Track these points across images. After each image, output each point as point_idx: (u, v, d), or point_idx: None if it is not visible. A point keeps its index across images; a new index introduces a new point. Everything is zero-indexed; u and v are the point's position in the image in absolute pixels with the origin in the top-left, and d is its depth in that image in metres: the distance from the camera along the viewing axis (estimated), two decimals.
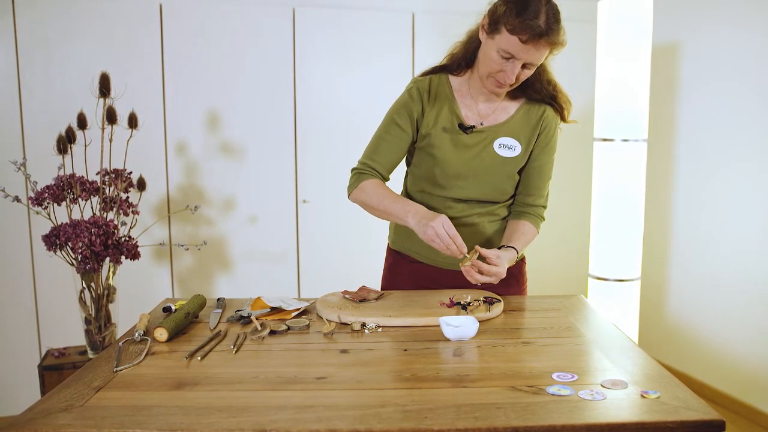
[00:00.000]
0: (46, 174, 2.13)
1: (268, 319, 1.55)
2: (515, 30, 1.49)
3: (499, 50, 1.54)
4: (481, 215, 1.77)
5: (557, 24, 1.53)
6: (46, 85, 2.90)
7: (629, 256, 2.94)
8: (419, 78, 1.76)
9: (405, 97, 1.73)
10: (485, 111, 1.73)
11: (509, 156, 1.72)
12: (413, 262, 1.85)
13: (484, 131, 1.71)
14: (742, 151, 3.10)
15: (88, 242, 1.92)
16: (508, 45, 1.52)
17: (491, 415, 1.02)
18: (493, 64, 1.57)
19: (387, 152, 1.72)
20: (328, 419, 1.01)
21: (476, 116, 1.73)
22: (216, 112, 3.15)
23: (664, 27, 3.50)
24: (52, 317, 3.00)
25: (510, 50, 1.52)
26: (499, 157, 1.71)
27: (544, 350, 1.34)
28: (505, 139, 1.71)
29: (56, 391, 1.13)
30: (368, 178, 1.70)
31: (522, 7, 1.49)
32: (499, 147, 1.71)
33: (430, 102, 1.72)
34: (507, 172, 1.74)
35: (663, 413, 1.02)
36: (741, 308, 3.12)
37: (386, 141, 1.72)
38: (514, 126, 1.73)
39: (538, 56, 1.55)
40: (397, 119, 1.72)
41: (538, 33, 1.49)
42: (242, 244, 3.26)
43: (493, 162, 1.71)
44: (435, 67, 1.78)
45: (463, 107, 1.73)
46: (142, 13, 3.00)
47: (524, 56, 1.53)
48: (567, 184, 3.77)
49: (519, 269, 1.89)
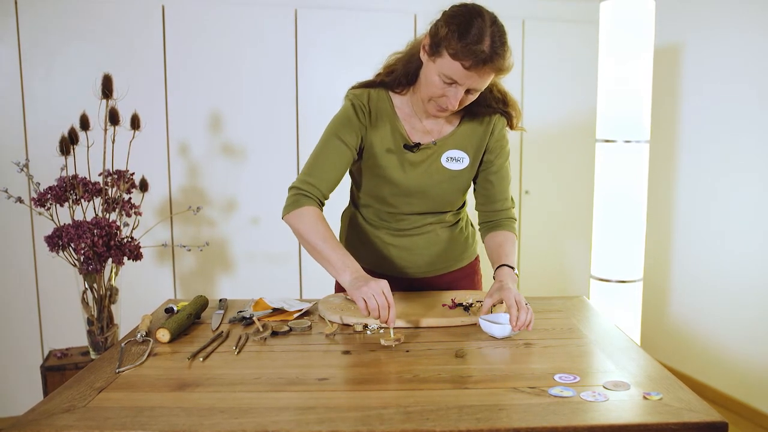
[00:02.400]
0: (48, 175, 2.13)
1: (270, 320, 1.55)
2: (457, 55, 1.38)
3: (440, 74, 1.44)
4: (432, 224, 1.74)
5: (503, 47, 1.41)
6: (48, 87, 2.91)
7: (631, 258, 2.94)
8: (358, 92, 1.65)
9: (346, 113, 1.62)
10: (432, 127, 1.65)
11: (458, 168, 1.65)
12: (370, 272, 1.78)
13: (430, 147, 1.64)
14: (745, 153, 3.10)
15: (91, 243, 1.92)
16: (450, 70, 1.42)
17: (493, 416, 1.02)
18: (435, 89, 1.47)
19: (329, 170, 1.60)
20: (330, 420, 1.01)
21: (422, 133, 1.64)
22: (218, 113, 3.15)
23: (667, 28, 3.50)
24: (55, 318, 3.01)
25: (452, 76, 1.42)
26: (447, 171, 1.65)
27: (546, 351, 1.34)
28: (452, 151, 1.65)
29: (59, 392, 1.13)
30: (308, 203, 1.56)
31: (464, 29, 1.38)
32: (446, 160, 1.64)
33: (372, 120, 1.62)
34: (457, 186, 1.68)
35: (665, 415, 1.02)
36: (743, 310, 3.12)
37: (327, 158, 1.60)
38: (460, 137, 1.66)
39: (482, 82, 1.45)
40: (340, 135, 1.60)
41: (482, 59, 1.38)
42: (244, 245, 3.26)
43: (442, 177, 1.65)
44: (373, 81, 1.68)
45: (407, 125, 1.64)
46: (144, 15, 3.01)
47: (467, 82, 1.43)
48: (569, 185, 3.78)
49: (472, 268, 1.88)
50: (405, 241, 1.74)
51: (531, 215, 3.75)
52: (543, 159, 3.73)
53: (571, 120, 3.73)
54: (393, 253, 1.76)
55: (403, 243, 1.75)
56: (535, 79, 3.64)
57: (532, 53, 3.62)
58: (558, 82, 3.66)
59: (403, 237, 1.74)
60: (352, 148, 1.61)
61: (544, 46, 3.63)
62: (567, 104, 3.71)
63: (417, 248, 1.75)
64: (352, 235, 1.82)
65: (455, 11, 1.44)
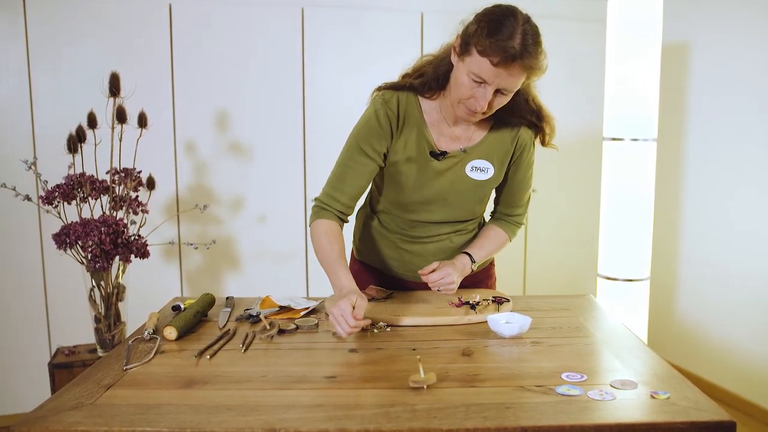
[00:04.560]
0: (56, 173, 2.14)
1: (277, 318, 1.55)
2: (486, 51, 1.35)
3: (469, 74, 1.40)
4: (448, 234, 1.73)
5: (535, 47, 1.39)
6: (56, 85, 2.91)
7: (638, 256, 2.93)
8: (387, 95, 1.59)
9: (372, 120, 1.57)
10: (461, 134, 1.61)
11: (482, 179, 1.63)
12: (377, 271, 1.84)
13: (456, 156, 1.60)
14: (752, 151, 3.08)
15: (98, 241, 1.93)
16: (478, 68, 1.38)
17: (500, 415, 1.01)
18: (464, 90, 1.43)
19: (351, 182, 1.59)
20: (338, 418, 1.01)
21: (450, 140, 1.61)
22: (225, 112, 3.16)
23: (674, 26, 3.48)
24: (62, 315, 3.02)
25: (481, 74, 1.38)
26: (471, 180, 1.62)
27: (553, 350, 1.34)
28: (477, 161, 1.61)
29: (66, 389, 1.13)
30: (324, 216, 1.59)
31: (495, 27, 1.36)
32: (471, 170, 1.61)
33: (399, 127, 1.58)
34: (479, 195, 1.66)
35: (673, 414, 1.02)
36: (751, 308, 3.10)
37: (353, 169, 1.59)
38: (487, 147, 1.62)
39: (512, 81, 1.41)
40: (365, 145, 1.57)
41: (511, 55, 1.34)
42: (251, 244, 3.27)
43: (465, 186, 1.63)
44: (402, 84, 1.62)
45: (434, 131, 1.60)
46: (151, 14, 3.01)
47: (496, 81, 1.39)
48: (576, 183, 3.76)
49: (486, 272, 1.88)
50: (417, 247, 1.74)
51: (538, 214, 3.73)
52: (550, 157, 3.70)
53: (577, 118, 3.71)
54: (405, 257, 1.75)
55: (415, 249, 1.74)
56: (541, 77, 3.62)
57: None
58: (565, 80, 3.65)
59: (416, 243, 1.73)
60: (378, 158, 1.59)
61: (551, 44, 3.60)
62: (574, 102, 3.70)
63: (428, 254, 1.73)
64: (366, 235, 1.82)
65: (488, 10, 1.43)
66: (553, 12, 3.65)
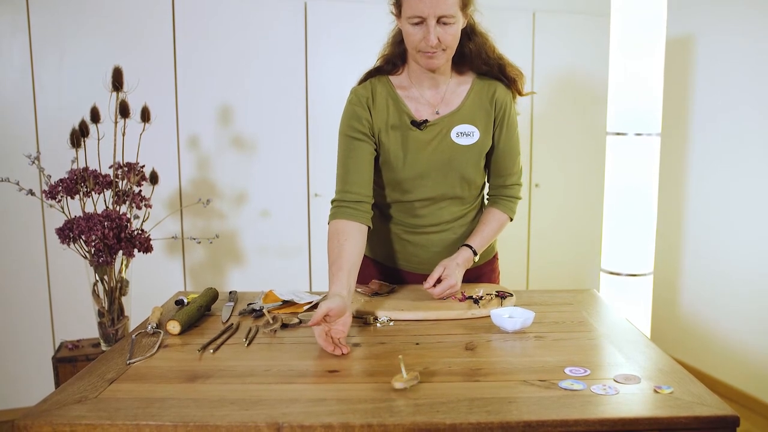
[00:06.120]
0: (59, 167, 2.14)
1: (280, 312, 1.55)
2: None
3: (408, 20, 1.51)
4: (449, 222, 1.74)
5: None
6: (59, 79, 2.91)
7: (642, 251, 2.93)
8: (357, 87, 1.70)
9: (349, 109, 1.66)
10: (434, 99, 1.66)
11: (469, 143, 1.65)
12: (381, 265, 1.85)
13: (438, 123, 1.64)
14: (757, 146, 3.07)
15: (101, 235, 1.93)
16: (410, 9, 1.49)
17: (503, 409, 1.01)
18: (412, 36, 1.52)
19: (357, 169, 1.63)
20: (341, 412, 1.01)
21: (427, 107, 1.66)
22: (228, 106, 3.15)
23: (679, 20, 3.46)
24: (66, 310, 3.03)
25: (414, 12, 1.48)
26: (458, 146, 1.65)
27: (556, 345, 1.34)
28: (462, 126, 1.65)
29: (70, 383, 1.14)
30: (340, 216, 1.60)
31: None
32: (457, 136, 1.65)
33: (374, 101, 1.65)
34: (470, 160, 1.67)
35: (676, 408, 1.01)
36: (754, 303, 3.10)
37: (352, 159, 1.63)
38: (467, 111, 1.66)
39: (442, 5, 1.47)
40: (351, 133, 1.63)
41: None
42: (254, 238, 3.27)
43: (453, 153, 1.65)
44: (370, 71, 1.73)
45: (410, 102, 1.66)
46: (154, 8, 3.01)
47: (428, 10, 1.47)
48: (579, 178, 3.76)
49: (490, 266, 1.88)
50: (420, 238, 1.75)
51: (541, 208, 3.73)
52: (553, 152, 3.71)
53: (581, 112, 3.71)
54: (408, 249, 1.77)
55: (419, 240, 1.75)
56: (545, 71, 3.62)
57: (543, 45, 3.60)
58: (568, 74, 3.64)
59: (419, 234, 1.74)
60: (368, 139, 1.64)
61: (555, 38, 3.61)
62: (577, 97, 3.69)
63: (432, 245, 1.75)
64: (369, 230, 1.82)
65: None
66: (556, 5, 3.64)
